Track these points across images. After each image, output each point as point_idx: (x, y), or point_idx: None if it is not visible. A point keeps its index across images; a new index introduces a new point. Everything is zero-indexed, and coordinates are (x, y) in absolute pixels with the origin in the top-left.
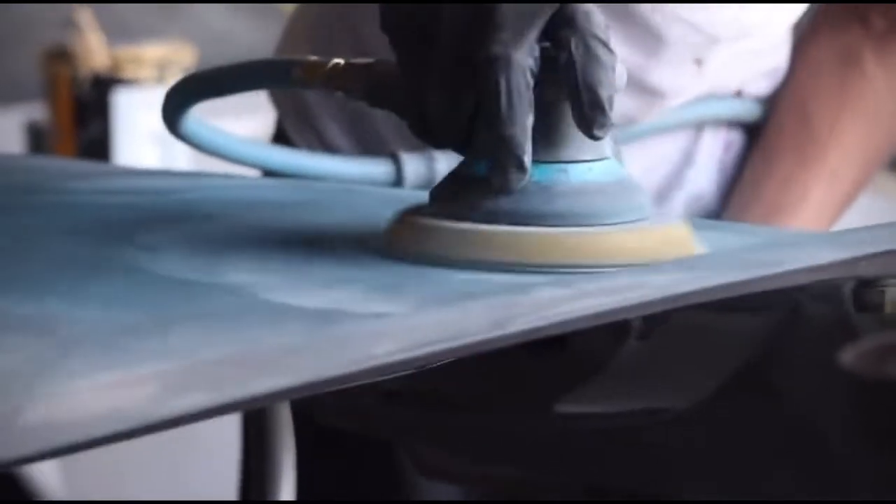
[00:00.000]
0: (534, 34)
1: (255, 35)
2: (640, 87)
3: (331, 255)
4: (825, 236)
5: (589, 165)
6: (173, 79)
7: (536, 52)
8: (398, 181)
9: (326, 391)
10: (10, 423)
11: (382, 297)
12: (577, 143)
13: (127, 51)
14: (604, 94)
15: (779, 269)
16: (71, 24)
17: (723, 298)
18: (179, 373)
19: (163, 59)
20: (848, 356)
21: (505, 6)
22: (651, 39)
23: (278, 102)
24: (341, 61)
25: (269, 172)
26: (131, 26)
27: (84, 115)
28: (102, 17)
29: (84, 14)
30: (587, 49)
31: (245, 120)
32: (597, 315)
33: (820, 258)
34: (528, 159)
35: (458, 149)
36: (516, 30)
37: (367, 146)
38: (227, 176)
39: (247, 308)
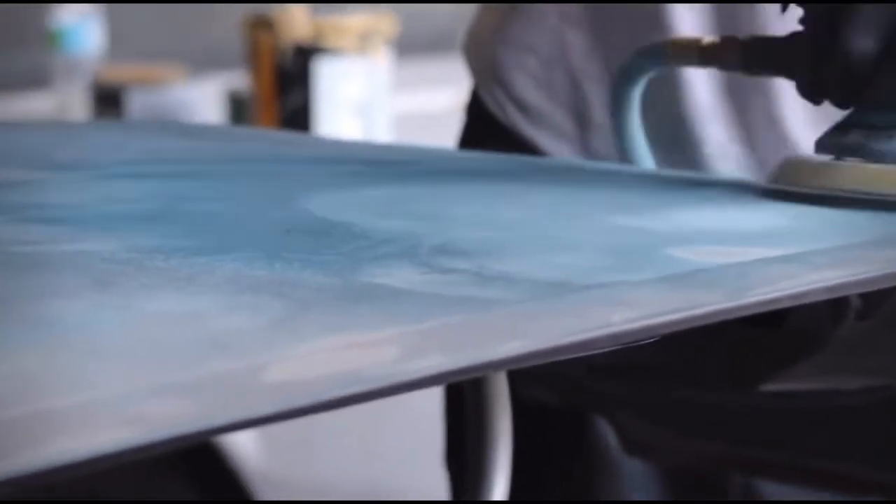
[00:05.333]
0: None
1: (453, 7)
2: None
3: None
4: None
5: None
6: (374, 49)
7: None
8: None
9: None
10: (254, 381)
11: (611, 269)
12: None
13: (329, 21)
14: None
15: None
16: None
17: None
18: (419, 335)
19: (365, 29)
20: None
21: None
22: None
23: (470, 62)
24: (714, 38)
25: None
26: None
27: (286, 85)
28: None
29: None
30: None
31: (447, 90)
32: (829, 288)
33: None
34: None
35: (852, 103)
36: None
37: (558, 102)
38: (442, 149)
39: (475, 278)
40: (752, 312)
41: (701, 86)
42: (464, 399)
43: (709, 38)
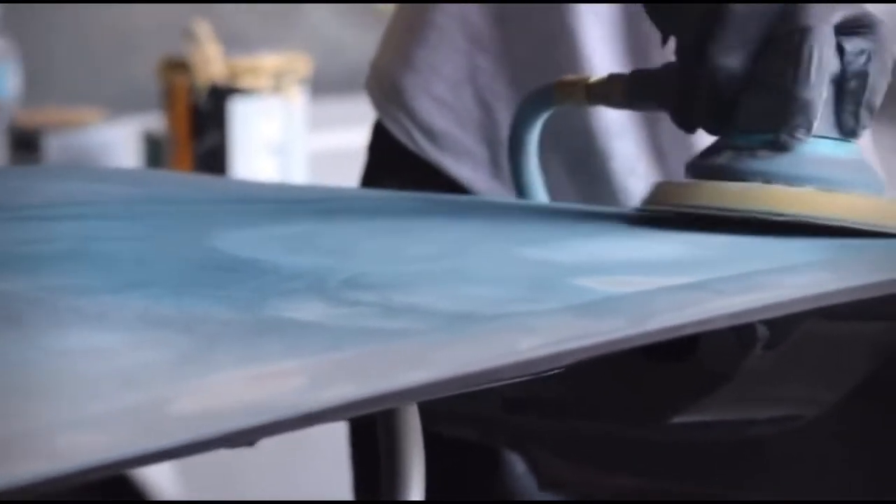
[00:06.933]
0: (838, 19)
1: (367, 45)
2: None
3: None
4: None
5: (836, 143)
6: (289, 89)
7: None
8: None
9: (451, 395)
10: (161, 413)
11: (517, 300)
12: (831, 122)
13: (244, 61)
14: (870, 108)
15: None
16: (188, 35)
17: (852, 306)
18: (327, 365)
19: (279, 68)
20: None
21: None
22: None
23: (373, 92)
24: (600, 77)
25: None
26: (247, 37)
27: (201, 126)
28: (219, 29)
29: (201, 25)
30: (877, 63)
31: (362, 128)
32: (733, 314)
33: None
34: (814, 124)
35: (717, 129)
36: (828, 8)
37: (466, 125)
38: (351, 188)
39: (383, 310)
40: (658, 339)
41: None
42: (372, 433)
43: (595, 77)
